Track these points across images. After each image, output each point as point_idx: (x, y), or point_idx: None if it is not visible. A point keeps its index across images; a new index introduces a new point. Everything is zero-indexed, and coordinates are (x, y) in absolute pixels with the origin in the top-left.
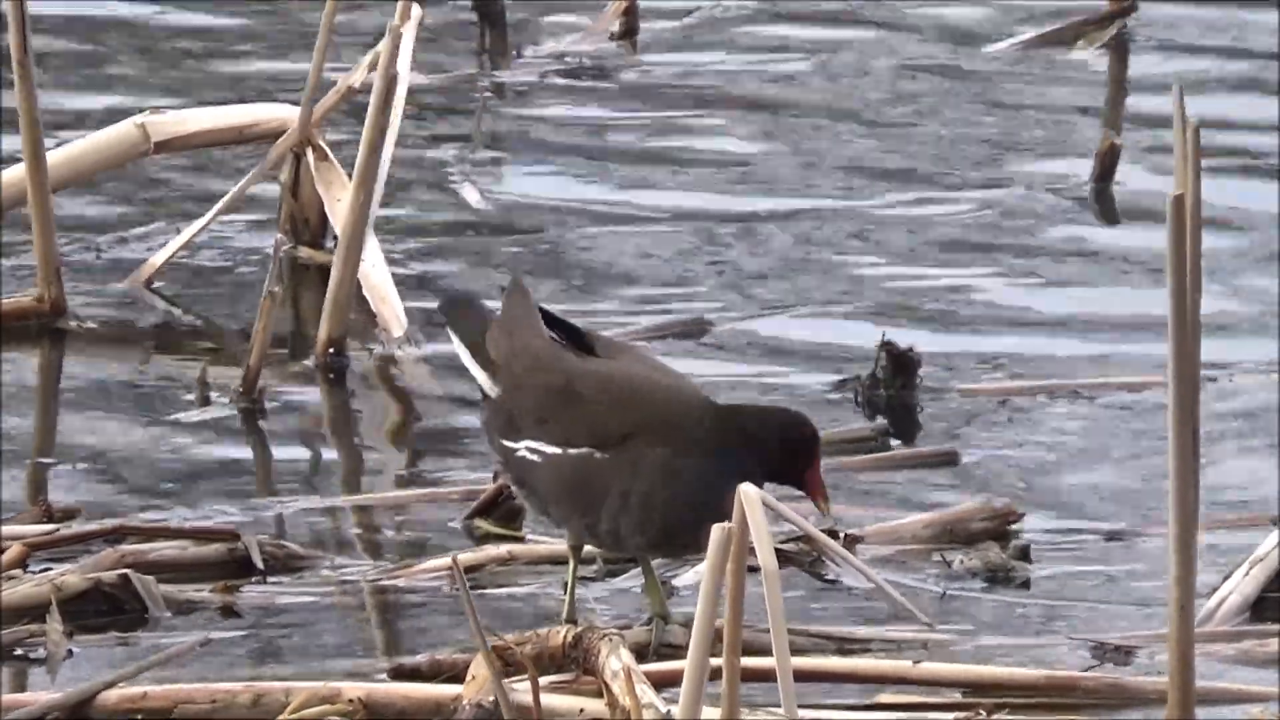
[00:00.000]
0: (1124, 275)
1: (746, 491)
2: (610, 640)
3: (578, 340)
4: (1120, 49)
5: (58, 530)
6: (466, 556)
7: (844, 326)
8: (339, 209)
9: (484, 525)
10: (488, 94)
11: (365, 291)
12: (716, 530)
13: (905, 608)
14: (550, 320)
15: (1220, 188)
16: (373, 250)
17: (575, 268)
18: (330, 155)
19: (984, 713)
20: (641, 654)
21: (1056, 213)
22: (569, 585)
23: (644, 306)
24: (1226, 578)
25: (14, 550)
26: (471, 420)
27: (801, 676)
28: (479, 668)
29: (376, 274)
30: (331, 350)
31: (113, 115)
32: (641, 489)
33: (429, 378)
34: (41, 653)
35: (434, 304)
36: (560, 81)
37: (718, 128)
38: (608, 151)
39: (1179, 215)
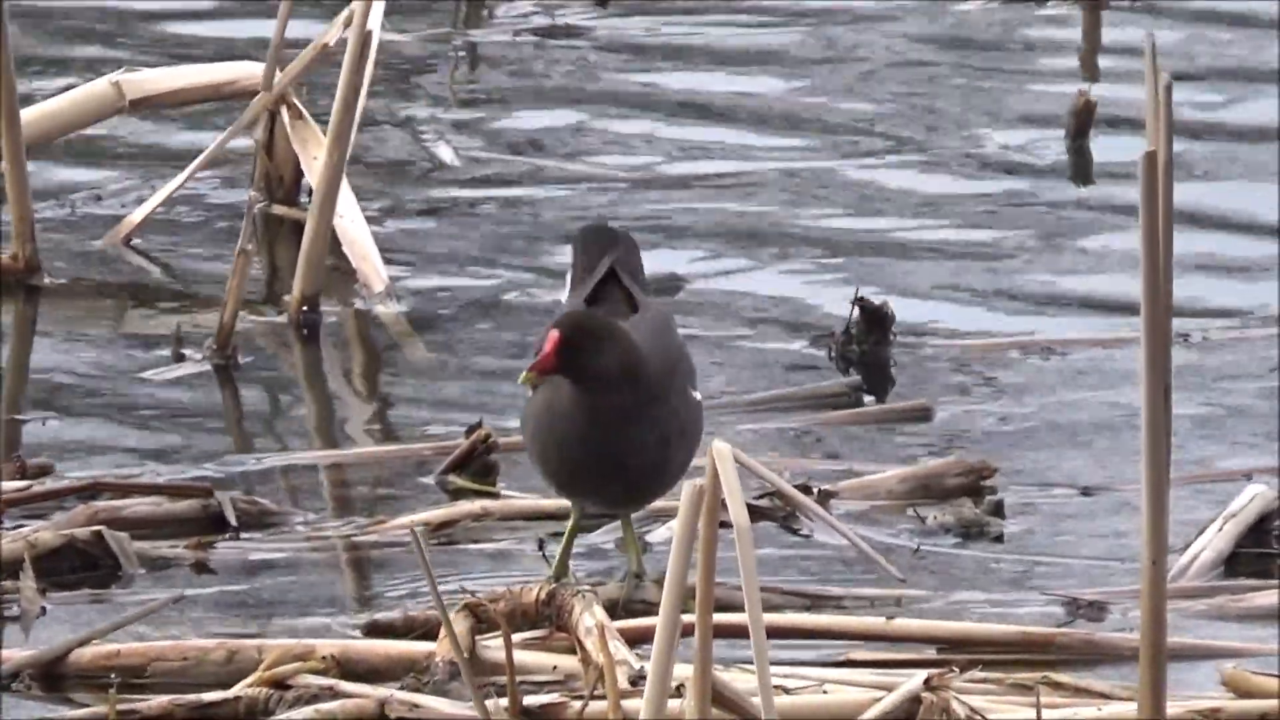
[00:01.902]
0: (1098, 232)
1: (718, 448)
2: (583, 597)
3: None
4: (1095, 4)
5: (31, 487)
6: (440, 512)
7: (817, 282)
8: (315, 167)
9: (458, 481)
10: (461, 52)
11: (345, 248)
12: (688, 487)
13: (878, 563)
14: (616, 279)
15: (1197, 145)
16: (350, 206)
17: (548, 225)
18: (305, 113)
19: (957, 669)
20: (613, 610)
21: (1031, 170)
22: (564, 542)
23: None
24: (1200, 533)
25: None
26: (443, 376)
27: (774, 633)
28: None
29: (355, 229)
30: (305, 307)
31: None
32: (530, 430)
33: (398, 333)
34: (15, 610)
35: (404, 263)
36: (533, 40)
37: (689, 87)
38: (580, 110)
39: (1151, 171)
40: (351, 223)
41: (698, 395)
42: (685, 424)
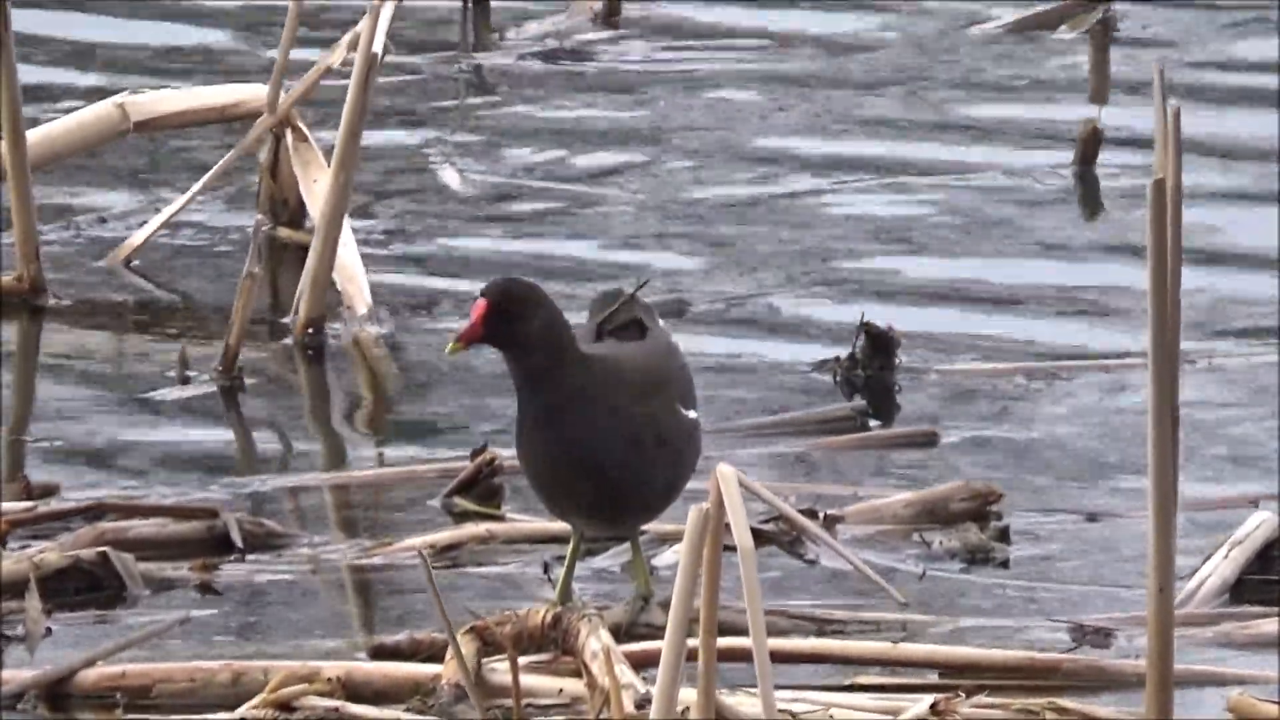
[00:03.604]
0: (1106, 259)
1: (723, 471)
2: (590, 620)
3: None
4: (1104, 33)
5: (36, 507)
6: (445, 535)
7: (823, 306)
8: (316, 190)
9: (463, 503)
10: (468, 75)
11: (334, 270)
12: (694, 511)
13: (882, 588)
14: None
15: (1206, 172)
16: (344, 229)
17: (555, 250)
18: (309, 137)
19: (963, 694)
20: (618, 633)
21: (1038, 196)
22: (566, 565)
23: (623, 287)
24: (1206, 560)
25: None
26: (449, 398)
27: (780, 657)
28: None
29: (345, 252)
30: (310, 329)
31: (92, 95)
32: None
33: (404, 355)
34: (20, 630)
35: (413, 282)
36: (541, 64)
37: (698, 109)
38: (588, 133)
39: (1159, 199)
40: (344, 245)
41: (692, 414)
42: (665, 434)
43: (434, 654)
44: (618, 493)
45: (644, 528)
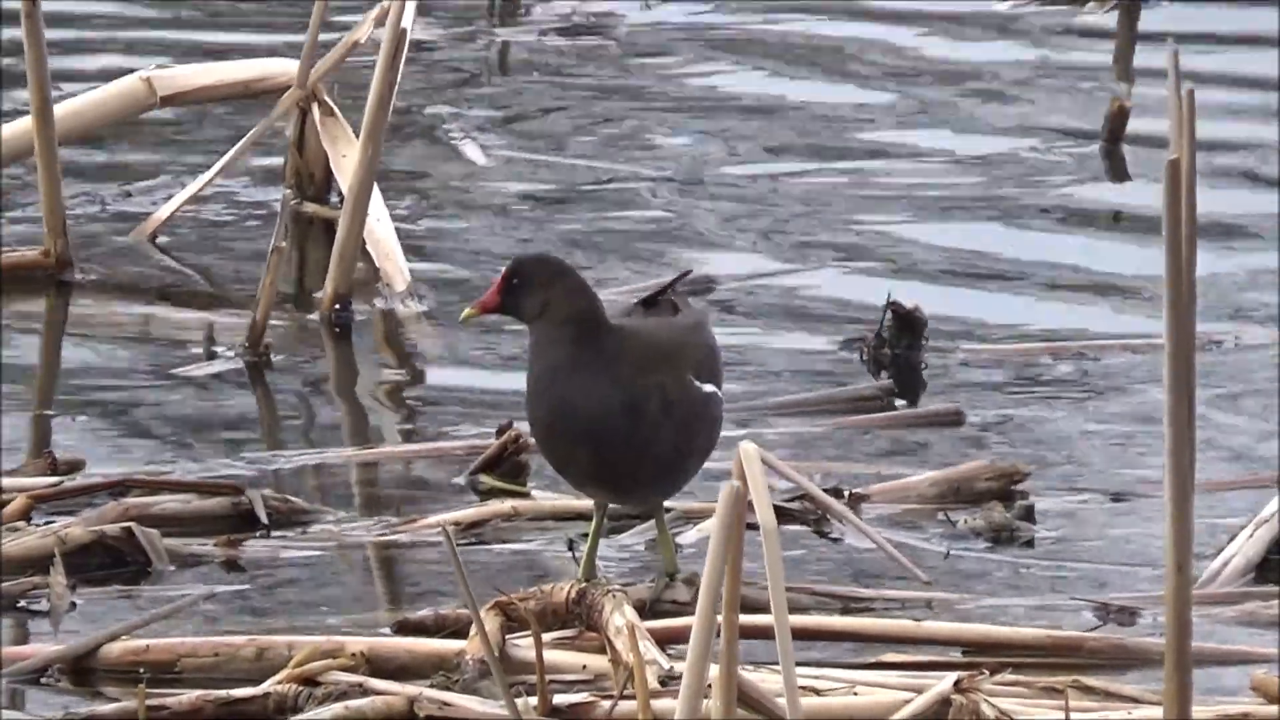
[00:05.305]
0: (1132, 236)
1: (746, 449)
2: (614, 597)
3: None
4: (1131, 9)
5: (62, 483)
6: (470, 512)
7: (851, 285)
8: (345, 165)
9: (488, 481)
10: (492, 51)
11: (369, 246)
12: (725, 488)
13: (904, 566)
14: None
15: (1225, 155)
16: (377, 205)
17: (580, 225)
18: (336, 111)
19: (987, 672)
20: (643, 610)
21: (1066, 174)
22: (590, 542)
23: (649, 264)
24: (1230, 539)
25: (18, 502)
26: (475, 376)
27: (805, 635)
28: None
29: (381, 229)
30: (337, 305)
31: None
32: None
33: (430, 332)
34: (44, 605)
35: (435, 261)
36: (566, 39)
37: (724, 84)
38: (611, 109)
39: (1175, 178)
40: (376, 221)
41: (708, 388)
42: (671, 406)
43: (458, 630)
44: (617, 461)
45: (668, 504)
